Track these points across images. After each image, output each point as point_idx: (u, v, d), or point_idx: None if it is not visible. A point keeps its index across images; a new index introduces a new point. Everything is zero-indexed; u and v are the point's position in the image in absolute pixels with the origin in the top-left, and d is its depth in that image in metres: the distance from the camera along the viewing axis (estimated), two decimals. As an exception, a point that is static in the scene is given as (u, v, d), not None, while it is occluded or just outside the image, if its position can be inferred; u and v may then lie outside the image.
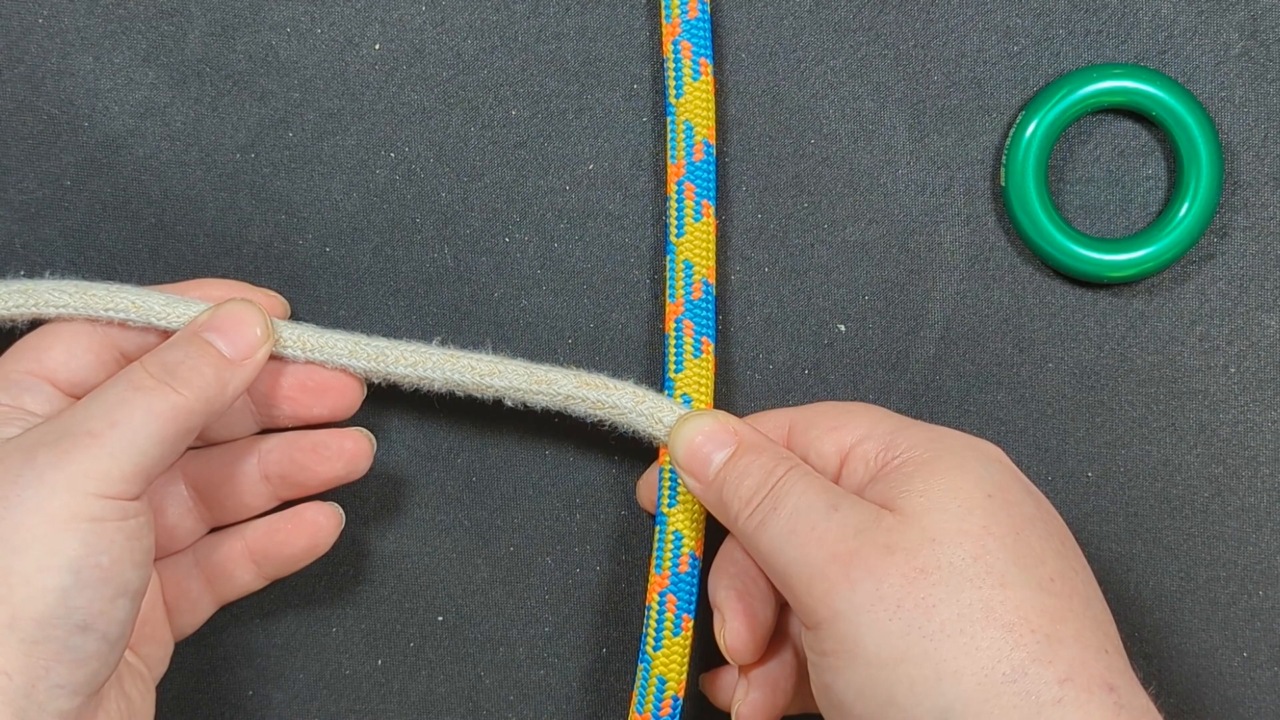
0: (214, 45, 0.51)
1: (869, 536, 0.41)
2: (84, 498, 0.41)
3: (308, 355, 0.47)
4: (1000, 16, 0.51)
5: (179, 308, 0.46)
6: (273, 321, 0.47)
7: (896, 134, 0.51)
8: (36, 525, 0.40)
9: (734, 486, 0.44)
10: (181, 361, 0.43)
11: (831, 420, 0.46)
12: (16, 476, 0.41)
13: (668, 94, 0.49)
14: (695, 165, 0.49)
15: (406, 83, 0.51)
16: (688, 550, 0.48)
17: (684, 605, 0.48)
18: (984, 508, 0.41)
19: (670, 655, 0.48)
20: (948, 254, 0.51)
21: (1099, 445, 0.51)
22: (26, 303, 0.46)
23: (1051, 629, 0.39)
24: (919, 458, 0.43)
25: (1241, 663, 0.51)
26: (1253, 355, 0.51)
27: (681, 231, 0.49)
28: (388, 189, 0.51)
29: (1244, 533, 0.51)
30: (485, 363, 0.47)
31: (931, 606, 0.39)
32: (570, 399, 0.47)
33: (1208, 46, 0.50)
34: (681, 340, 0.49)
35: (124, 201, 0.51)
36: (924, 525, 0.41)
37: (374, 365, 0.47)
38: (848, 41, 0.51)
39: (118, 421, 0.42)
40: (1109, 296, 0.51)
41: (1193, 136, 0.49)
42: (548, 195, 0.51)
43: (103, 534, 0.41)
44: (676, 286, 0.49)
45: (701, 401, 0.49)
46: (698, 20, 0.49)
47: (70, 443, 0.41)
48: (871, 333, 0.51)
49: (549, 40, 0.51)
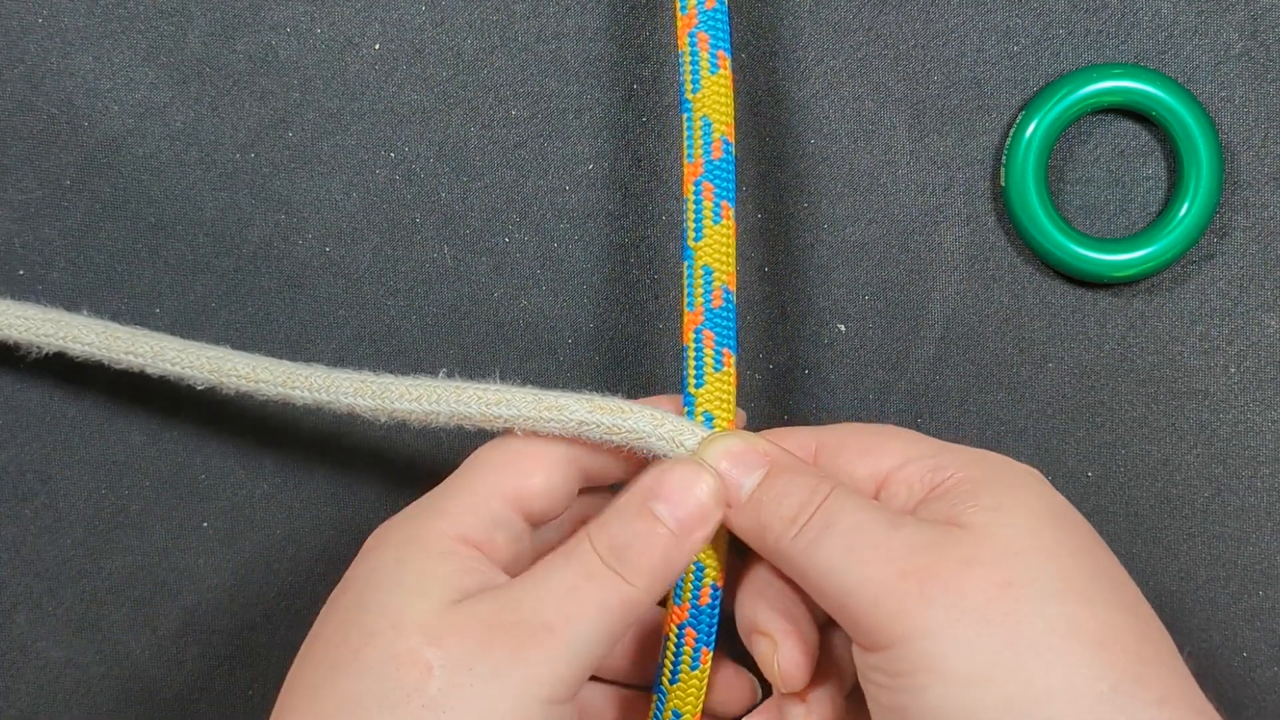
0: (214, 45, 0.51)
1: (943, 551, 0.39)
2: (531, 704, 0.38)
3: (314, 397, 0.46)
4: (1000, 16, 0.51)
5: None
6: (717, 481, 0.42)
7: (896, 134, 0.51)
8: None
9: (774, 507, 0.41)
10: (631, 544, 0.40)
11: (862, 443, 0.44)
12: (473, 664, 0.38)
13: (683, 89, 0.46)
14: (714, 164, 0.45)
15: (406, 83, 0.51)
16: (709, 581, 0.45)
17: (703, 639, 0.45)
18: (1056, 524, 0.40)
19: (687, 689, 0.45)
20: (948, 254, 0.51)
21: (1099, 445, 0.51)
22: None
23: (1139, 649, 0.38)
24: (976, 476, 0.41)
25: (1241, 663, 0.51)
26: (1253, 355, 0.51)
27: (700, 235, 0.45)
28: (388, 189, 0.51)
29: (1244, 533, 0.51)
30: (492, 392, 0.44)
31: (1020, 622, 0.38)
32: (584, 424, 0.43)
33: (1208, 46, 0.50)
34: (702, 352, 0.45)
35: (124, 201, 0.51)
36: (1002, 539, 0.39)
37: (380, 403, 0.45)
38: (848, 41, 0.51)
39: (570, 618, 0.39)
40: (1109, 296, 0.51)
41: (1193, 136, 0.49)
42: (548, 195, 0.51)
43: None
44: (696, 294, 0.45)
45: (724, 419, 0.45)
46: (715, 11, 0.45)
47: (527, 637, 0.38)
48: (871, 333, 0.51)
49: (549, 40, 0.51)
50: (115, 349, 0.47)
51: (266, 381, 0.46)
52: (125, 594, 0.52)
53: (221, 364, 0.47)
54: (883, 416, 0.51)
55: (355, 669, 0.39)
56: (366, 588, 0.41)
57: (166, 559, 0.52)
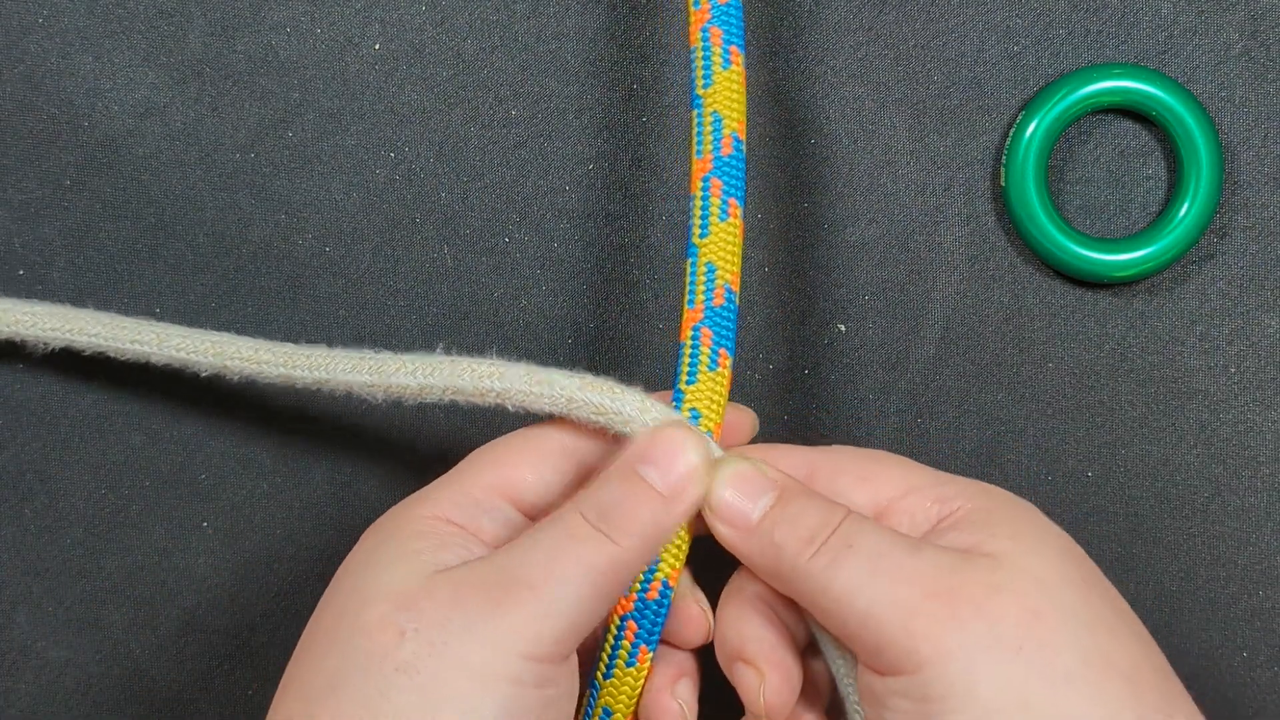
0: (214, 45, 0.51)
1: (969, 575, 0.38)
2: (509, 657, 0.37)
3: (315, 375, 0.46)
4: (1000, 16, 0.51)
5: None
6: (711, 445, 0.42)
7: (896, 134, 0.51)
8: (456, 680, 0.37)
9: (789, 528, 0.40)
10: (618, 504, 0.40)
11: (860, 470, 0.43)
12: (445, 620, 0.38)
13: (694, 84, 0.45)
14: (724, 160, 0.45)
15: (406, 83, 0.51)
16: (661, 577, 0.43)
17: (644, 636, 0.43)
18: (1072, 555, 0.40)
19: (620, 686, 0.44)
20: (948, 254, 0.51)
21: (1099, 445, 0.51)
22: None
23: (1162, 683, 0.38)
24: (985, 507, 0.41)
25: (1241, 663, 0.51)
26: (1253, 355, 0.51)
27: (706, 232, 0.45)
28: (388, 189, 0.51)
29: (1244, 533, 0.51)
30: (485, 365, 0.44)
31: (1054, 651, 0.37)
32: (573, 402, 0.43)
33: (1208, 46, 0.50)
34: (698, 350, 0.44)
35: (124, 201, 0.51)
36: (1025, 567, 0.38)
37: (376, 379, 0.45)
38: (848, 41, 0.51)
39: (553, 575, 0.38)
40: (1109, 296, 0.51)
41: (1193, 136, 0.49)
42: (548, 195, 0.51)
43: (520, 699, 0.37)
44: (697, 291, 0.45)
45: (712, 419, 0.44)
46: (729, 6, 0.45)
47: (503, 593, 0.38)
48: (871, 333, 0.51)
49: (549, 40, 0.51)
50: (121, 339, 0.47)
51: (269, 363, 0.47)
52: (125, 594, 0.52)
53: (225, 348, 0.47)
54: (883, 416, 0.51)
55: (330, 648, 0.39)
56: (344, 575, 0.41)
57: (166, 559, 0.52)
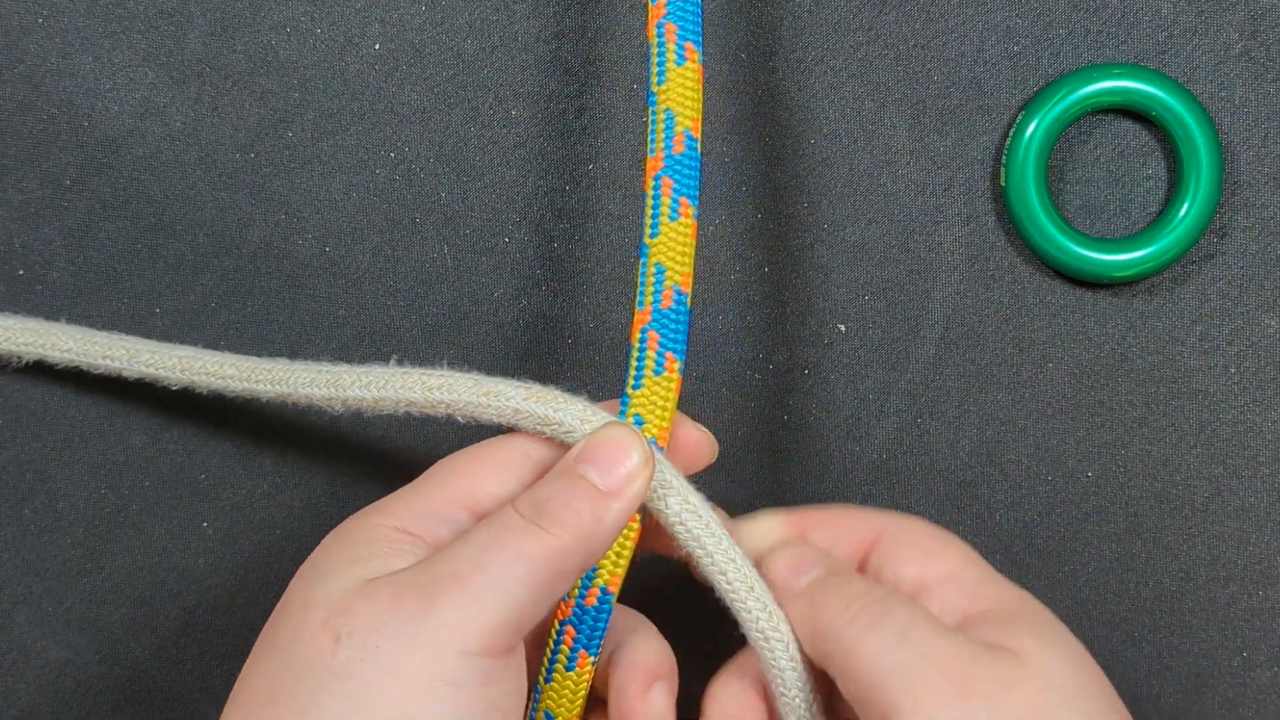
0: (214, 45, 0.51)
1: (988, 666, 0.39)
2: (446, 656, 0.37)
3: (276, 390, 0.46)
4: (1000, 16, 0.51)
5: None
6: (653, 446, 0.42)
7: (896, 134, 0.51)
8: (390, 685, 0.37)
9: (835, 590, 0.42)
10: (552, 498, 0.40)
11: (925, 545, 0.44)
12: (379, 624, 0.37)
13: (649, 81, 0.44)
14: (675, 159, 0.43)
15: (406, 83, 0.51)
16: (599, 583, 0.43)
17: (583, 641, 0.43)
18: (1090, 666, 0.41)
19: (561, 690, 0.43)
20: (948, 254, 0.51)
21: (1099, 445, 0.51)
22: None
23: None
24: (1016, 609, 0.42)
25: (1241, 663, 0.51)
26: (1253, 355, 0.51)
27: (656, 231, 0.43)
28: (388, 189, 0.51)
29: (1244, 533, 0.51)
30: (435, 377, 0.43)
31: None
32: (519, 413, 0.42)
33: (1208, 46, 0.50)
34: (644, 354, 0.43)
35: (124, 201, 0.51)
36: (1043, 669, 0.40)
37: (333, 393, 0.44)
38: (848, 41, 0.51)
39: (485, 565, 0.38)
40: (1109, 296, 0.51)
41: (1193, 136, 0.49)
42: (548, 195, 0.51)
43: (459, 701, 0.37)
44: (646, 293, 0.43)
45: (656, 425, 0.43)
46: (685, 2, 0.44)
47: (435, 589, 0.38)
48: (871, 333, 0.51)
49: (549, 40, 0.51)
50: (93, 354, 0.48)
51: (233, 378, 0.47)
52: (125, 594, 0.52)
53: (192, 363, 0.48)
54: (883, 416, 0.51)
55: (272, 655, 0.39)
56: (294, 583, 0.41)
57: (166, 559, 0.52)
